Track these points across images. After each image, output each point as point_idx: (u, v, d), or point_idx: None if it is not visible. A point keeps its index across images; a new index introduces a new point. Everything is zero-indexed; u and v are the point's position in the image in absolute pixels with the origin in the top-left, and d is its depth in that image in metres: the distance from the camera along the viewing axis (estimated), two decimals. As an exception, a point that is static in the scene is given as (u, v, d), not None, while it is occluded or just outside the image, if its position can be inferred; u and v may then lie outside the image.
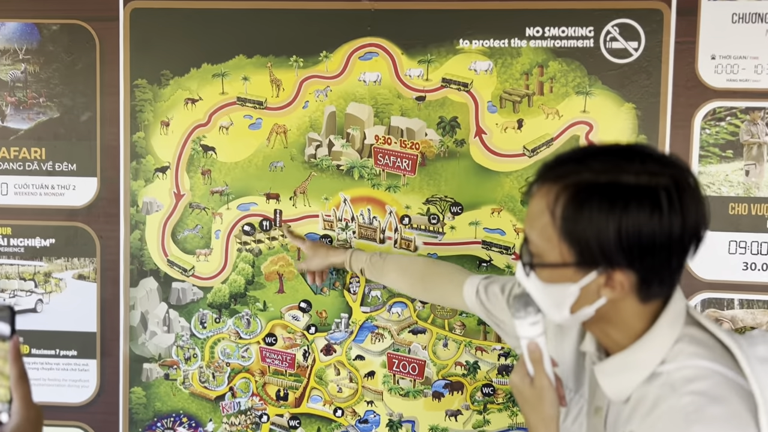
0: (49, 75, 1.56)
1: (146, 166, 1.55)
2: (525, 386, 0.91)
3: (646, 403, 0.83)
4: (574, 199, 0.80)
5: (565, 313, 0.85)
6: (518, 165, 1.48)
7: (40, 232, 1.58)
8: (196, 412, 1.58)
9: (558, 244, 0.81)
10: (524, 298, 0.88)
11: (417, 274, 1.34)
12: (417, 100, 1.49)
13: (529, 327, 0.88)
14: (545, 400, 0.89)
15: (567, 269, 0.82)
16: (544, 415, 0.89)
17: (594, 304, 0.84)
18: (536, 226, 0.84)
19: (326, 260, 1.46)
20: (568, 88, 1.46)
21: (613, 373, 0.88)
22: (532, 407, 0.91)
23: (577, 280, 0.82)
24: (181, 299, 1.56)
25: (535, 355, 0.89)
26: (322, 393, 1.56)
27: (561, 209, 0.80)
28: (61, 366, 1.59)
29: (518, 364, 0.92)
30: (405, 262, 1.38)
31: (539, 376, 0.89)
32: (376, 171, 1.51)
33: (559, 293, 0.84)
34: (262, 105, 1.52)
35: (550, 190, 0.82)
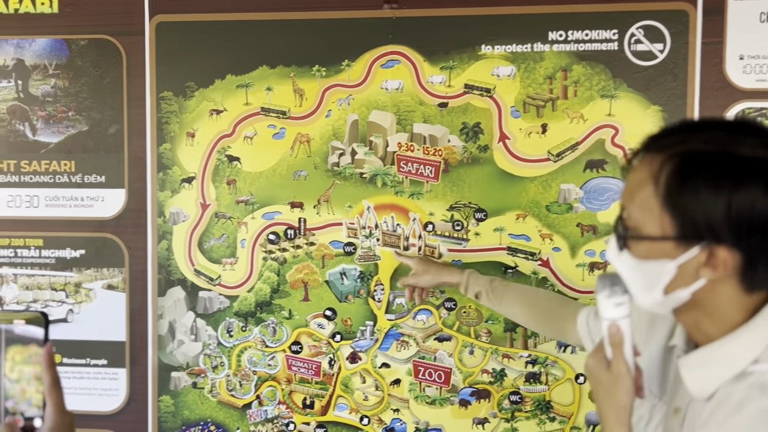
0: (78, 89, 1.59)
1: (173, 176, 1.57)
2: (600, 370, 0.85)
3: (730, 403, 0.78)
4: (681, 167, 0.75)
5: (657, 294, 0.80)
6: (543, 170, 1.47)
7: (71, 243, 1.61)
8: (224, 420, 1.59)
9: (659, 216, 0.76)
10: (611, 277, 0.84)
11: (541, 307, 1.29)
12: (439, 106, 1.49)
13: (613, 307, 0.83)
14: (620, 387, 0.83)
15: (666, 243, 0.77)
16: (616, 403, 0.83)
17: (690, 286, 0.78)
18: (636, 197, 0.79)
19: (438, 278, 1.41)
20: (593, 92, 1.45)
21: (698, 366, 0.82)
22: (605, 393, 0.85)
23: (675, 256, 0.77)
24: (208, 308, 1.58)
25: (615, 338, 0.83)
26: (348, 401, 1.55)
27: (666, 178, 0.75)
28: (91, 375, 1.61)
29: (596, 347, 0.87)
30: (531, 294, 1.32)
31: (617, 361, 0.83)
32: (400, 178, 1.51)
33: (654, 271, 0.78)
34: (286, 115, 1.53)
35: (654, 159, 0.77)
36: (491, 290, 1.32)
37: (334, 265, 1.54)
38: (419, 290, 1.47)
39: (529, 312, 1.29)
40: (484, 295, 1.33)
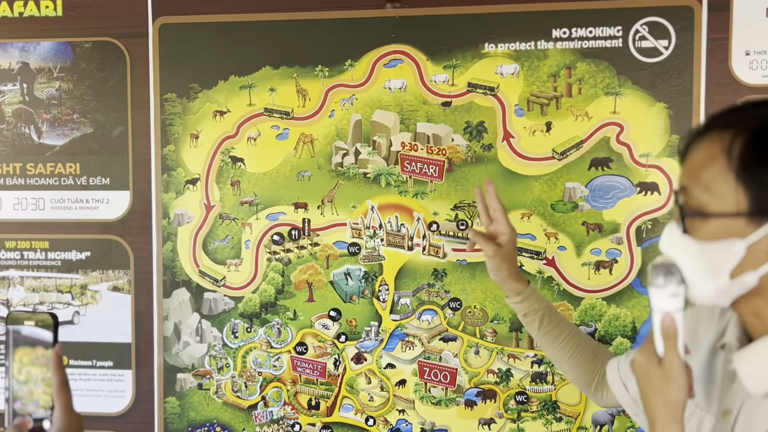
0: (83, 92, 1.60)
1: (177, 178, 1.57)
2: (651, 366, 0.79)
3: None
4: (757, 138, 0.73)
5: (723, 279, 0.75)
6: (547, 168, 1.46)
7: (76, 245, 1.61)
8: (230, 421, 1.59)
9: (733, 190, 0.73)
10: (667, 266, 0.78)
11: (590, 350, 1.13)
12: (443, 105, 1.48)
13: (667, 298, 0.78)
14: (674, 384, 0.77)
15: (737, 221, 0.73)
16: (669, 401, 0.78)
17: (759, 268, 0.74)
18: (703, 175, 0.76)
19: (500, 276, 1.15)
20: (597, 89, 1.44)
21: (757, 359, 0.77)
22: (656, 391, 0.79)
23: (745, 234, 0.73)
24: (213, 309, 1.58)
25: (669, 332, 0.78)
26: (354, 402, 1.55)
27: (740, 150, 0.73)
28: (97, 377, 1.62)
29: (646, 341, 0.81)
30: (582, 336, 1.15)
31: (671, 356, 0.78)
32: (403, 178, 1.51)
33: (721, 253, 0.75)
34: (289, 115, 1.53)
35: (723, 135, 0.75)
36: (546, 314, 1.14)
37: (339, 266, 1.54)
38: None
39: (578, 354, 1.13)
40: (538, 316, 1.14)
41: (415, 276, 1.52)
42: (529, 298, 1.15)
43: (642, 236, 1.44)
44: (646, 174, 1.43)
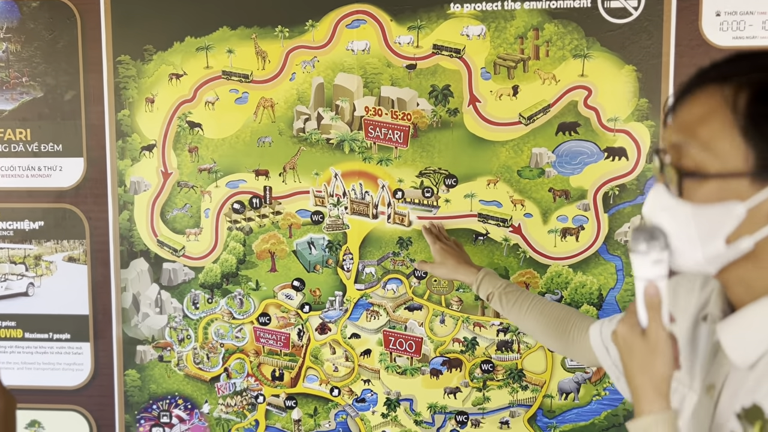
0: (31, 53, 1.52)
1: (132, 144, 1.51)
2: (635, 338, 0.75)
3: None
4: (762, 95, 0.67)
5: (718, 244, 0.70)
6: (514, 134, 1.42)
7: (29, 214, 1.55)
8: (192, 393, 1.55)
9: (732, 149, 0.68)
10: (650, 230, 0.73)
11: (555, 318, 1.16)
12: (407, 68, 1.43)
13: (650, 265, 0.73)
14: (659, 356, 0.74)
15: (740, 181, 0.68)
16: (654, 375, 0.74)
17: (756, 233, 0.69)
18: (701, 131, 0.69)
19: (454, 274, 1.31)
20: (565, 51, 1.39)
21: (742, 327, 0.73)
22: (640, 364, 0.75)
23: (747, 196, 0.68)
24: (173, 280, 1.54)
25: (653, 301, 0.74)
26: (318, 372, 1.52)
27: (746, 104, 0.67)
28: (54, 349, 1.57)
29: (627, 312, 0.78)
30: (545, 305, 1.19)
31: (655, 327, 0.74)
32: (367, 144, 1.46)
33: (719, 216, 0.69)
34: (248, 78, 1.47)
35: (721, 89, 0.69)
36: (504, 294, 1.21)
37: (302, 235, 1.50)
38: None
39: (543, 321, 1.16)
40: (495, 298, 1.22)
41: (380, 245, 1.48)
42: (483, 285, 1.25)
43: (609, 202, 1.42)
44: (614, 139, 1.40)
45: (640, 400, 0.76)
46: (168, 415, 1.56)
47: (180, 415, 1.56)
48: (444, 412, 1.50)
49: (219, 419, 1.55)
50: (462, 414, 1.49)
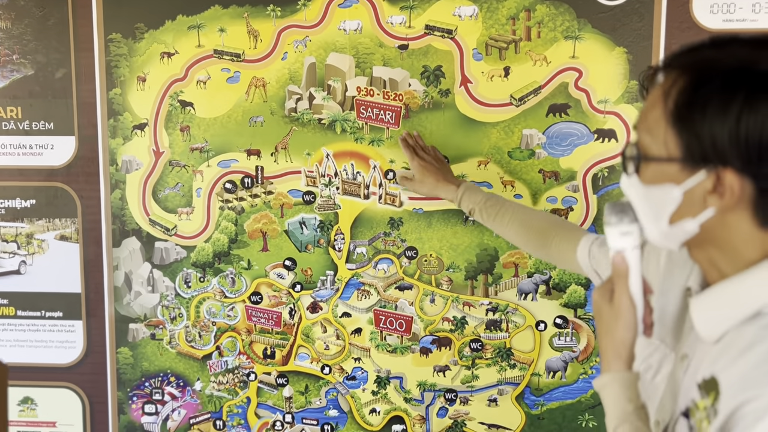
0: (22, 31, 1.51)
1: (124, 123, 1.51)
2: (603, 303, 0.82)
3: (738, 344, 0.72)
4: (692, 81, 0.70)
5: (663, 223, 0.75)
6: (505, 115, 1.43)
7: (20, 192, 1.55)
8: (184, 371, 1.57)
9: (665, 135, 0.72)
10: (620, 205, 0.80)
11: (535, 229, 1.22)
12: (399, 48, 1.44)
13: (619, 236, 0.79)
14: (620, 320, 0.79)
15: (672, 166, 0.72)
16: (615, 338, 0.80)
17: (698, 216, 0.72)
18: (648, 117, 0.74)
19: (434, 191, 1.35)
20: (557, 33, 1.40)
21: (709, 306, 0.76)
22: (605, 328, 0.81)
23: (681, 181, 0.72)
24: (165, 259, 1.54)
25: (619, 269, 0.79)
26: (309, 351, 1.54)
27: (676, 93, 0.71)
28: (47, 327, 1.58)
29: (607, 280, 0.84)
30: (525, 215, 1.25)
31: (619, 293, 0.80)
32: (359, 124, 1.47)
33: (660, 197, 0.74)
34: (240, 57, 1.47)
35: (669, 75, 0.73)
36: (485, 208, 1.27)
37: (293, 215, 1.51)
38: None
39: (524, 233, 1.23)
40: (477, 213, 1.29)
41: (371, 225, 1.49)
42: (463, 201, 1.30)
43: (598, 184, 1.43)
44: (603, 121, 1.41)
45: (603, 360, 0.83)
46: (160, 393, 1.57)
47: (172, 392, 1.57)
48: (433, 389, 1.52)
49: (211, 396, 1.57)
50: (451, 392, 1.51)
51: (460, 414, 1.52)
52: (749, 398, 0.67)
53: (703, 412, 0.74)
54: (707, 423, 0.72)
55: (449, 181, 1.33)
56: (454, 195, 1.32)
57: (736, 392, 0.69)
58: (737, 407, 0.68)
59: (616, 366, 0.81)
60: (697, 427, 0.75)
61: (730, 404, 0.69)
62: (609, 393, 0.82)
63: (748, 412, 0.67)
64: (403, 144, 1.41)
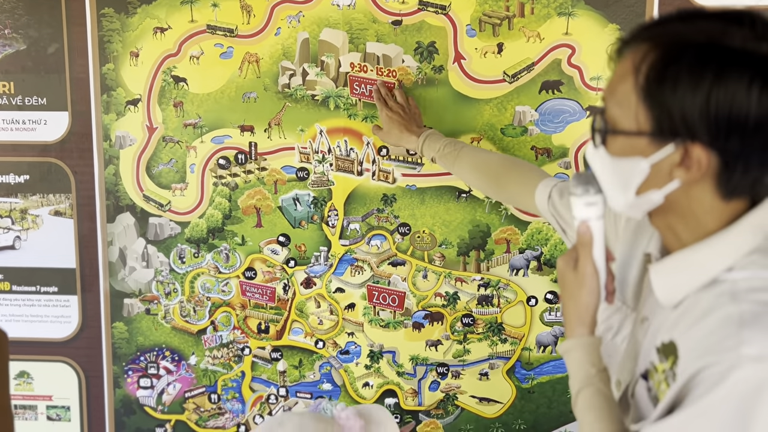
0: (13, 5, 1.50)
1: (117, 99, 1.51)
2: (567, 271, 0.85)
3: (696, 310, 0.74)
4: (663, 56, 0.71)
5: (630, 194, 0.76)
6: (498, 92, 1.44)
7: (14, 168, 1.56)
8: (179, 345, 1.59)
9: (636, 109, 0.73)
10: (586, 176, 0.82)
11: (491, 173, 1.25)
12: (393, 24, 1.43)
13: (584, 207, 0.83)
14: (584, 287, 0.83)
15: (641, 139, 0.73)
16: (579, 304, 0.83)
17: (664, 187, 0.74)
18: (617, 90, 0.75)
19: (398, 142, 1.38)
20: (550, 9, 1.40)
21: (668, 272, 0.78)
22: (570, 294, 0.85)
23: (648, 154, 0.73)
24: (159, 234, 1.55)
25: (584, 238, 0.83)
26: (303, 325, 1.56)
27: (646, 68, 0.71)
28: (42, 302, 1.59)
29: (571, 248, 0.87)
30: (480, 159, 1.28)
31: (584, 261, 0.83)
32: (353, 101, 1.47)
33: (628, 169, 0.75)
34: (233, 33, 1.46)
35: (639, 49, 0.73)
36: (443, 155, 1.30)
37: (287, 191, 1.52)
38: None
39: (480, 176, 1.26)
40: (438, 160, 1.32)
41: (364, 201, 1.50)
42: (425, 151, 1.34)
43: (590, 161, 1.44)
44: (596, 97, 1.42)
45: (567, 326, 0.86)
46: (155, 367, 1.59)
47: (167, 367, 1.59)
48: (425, 363, 1.54)
49: (206, 370, 1.59)
50: (443, 366, 1.53)
51: (451, 387, 1.54)
52: (708, 364, 0.69)
53: (662, 375, 0.76)
54: (665, 385, 0.75)
55: (411, 131, 1.36)
56: (415, 145, 1.35)
57: (694, 357, 0.71)
58: (696, 372, 0.70)
59: (580, 331, 0.85)
60: (656, 388, 0.77)
61: (689, 369, 0.71)
62: (573, 357, 0.85)
63: (706, 377, 0.69)
64: (376, 95, 1.43)
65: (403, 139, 1.37)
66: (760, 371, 0.66)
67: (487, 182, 1.27)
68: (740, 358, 0.66)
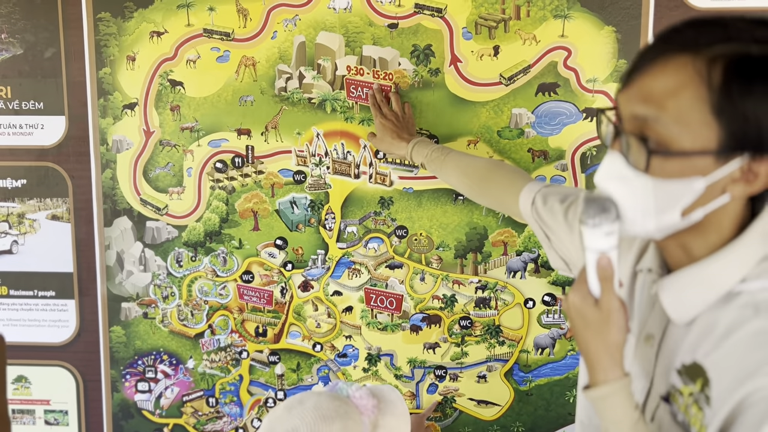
0: (10, 9, 1.50)
1: (114, 103, 1.51)
2: (587, 307, 0.76)
3: (720, 326, 0.71)
4: (739, 70, 0.65)
5: (673, 216, 0.70)
6: (495, 94, 1.44)
7: (11, 172, 1.56)
8: (177, 349, 1.58)
9: (700, 125, 0.66)
10: (602, 202, 0.72)
11: (476, 177, 1.23)
12: (389, 27, 1.44)
13: (603, 237, 0.73)
14: (613, 325, 0.75)
15: (706, 157, 0.67)
16: (609, 342, 0.75)
17: (709, 204, 0.70)
18: (671, 105, 0.67)
19: (390, 149, 1.40)
20: (546, 12, 1.40)
21: (680, 288, 0.75)
22: (595, 332, 0.76)
23: (709, 172, 0.67)
24: (156, 238, 1.55)
25: (606, 272, 0.75)
26: (301, 329, 1.56)
27: (720, 79, 0.65)
28: (40, 306, 1.59)
29: (578, 281, 0.78)
30: (465, 162, 1.26)
31: (608, 297, 0.75)
32: (349, 104, 1.47)
33: (676, 191, 0.69)
34: (230, 36, 1.47)
35: (693, 60, 0.67)
36: (431, 160, 1.31)
37: (284, 194, 1.52)
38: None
39: (465, 180, 1.25)
40: (426, 165, 1.32)
41: (361, 204, 1.50)
42: (414, 158, 1.34)
43: (586, 163, 1.44)
44: (592, 100, 1.42)
45: (596, 368, 0.77)
46: (153, 371, 1.59)
47: (165, 371, 1.59)
48: (423, 366, 1.54)
49: (204, 374, 1.59)
50: (441, 368, 1.53)
51: (449, 390, 1.54)
52: (756, 388, 0.66)
53: (689, 398, 0.73)
54: (696, 409, 0.71)
55: (402, 138, 1.36)
56: (405, 151, 1.36)
57: (735, 381, 0.67)
58: (744, 397, 0.66)
59: (615, 373, 0.76)
60: (683, 412, 0.74)
61: (735, 393, 0.67)
62: (614, 403, 0.76)
63: (757, 400, 0.66)
64: (371, 100, 1.44)
65: (393, 145, 1.37)
66: None
67: (470, 186, 1.25)
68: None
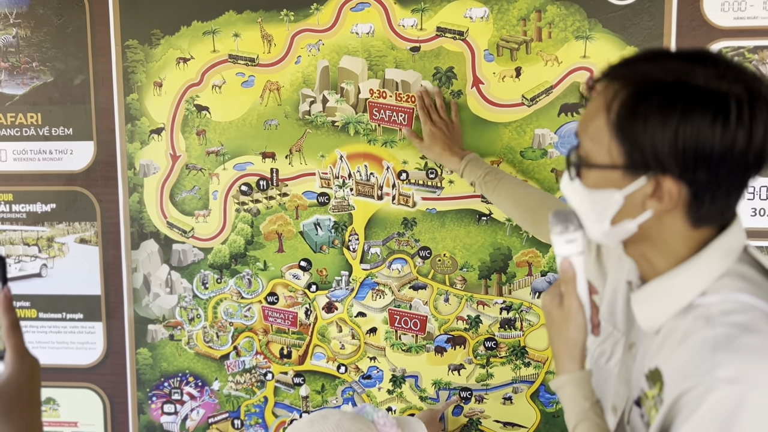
0: (41, 39, 1.54)
1: (141, 128, 1.54)
2: (554, 307, 0.87)
3: (676, 335, 0.78)
4: (633, 95, 0.75)
5: (605, 225, 0.80)
6: (517, 115, 1.44)
7: (41, 197, 1.59)
8: (202, 371, 1.59)
9: (608, 144, 0.76)
10: (564, 213, 0.85)
11: (528, 209, 1.27)
12: (411, 51, 1.45)
13: (564, 244, 0.84)
14: (572, 323, 0.85)
15: (614, 172, 0.77)
16: (567, 339, 0.85)
17: (637, 217, 0.78)
18: (590, 125, 0.79)
19: (439, 159, 1.41)
20: (567, 33, 1.41)
21: (648, 299, 0.83)
22: (557, 330, 0.87)
23: (622, 186, 0.77)
24: (182, 261, 1.57)
25: (567, 275, 0.85)
26: (325, 350, 1.56)
27: (618, 105, 0.75)
28: (68, 329, 1.61)
29: (554, 285, 0.89)
30: (519, 193, 1.29)
31: (569, 297, 0.85)
32: (372, 126, 1.48)
33: (602, 201, 0.79)
34: (254, 62, 1.49)
35: (610, 87, 0.77)
36: (483, 183, 1.32)
37: (308, 216, 1.53)
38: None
39: (517, 210, 1.29)
40: (477, 186, 1.34)
41: (384, 225, 1.51)
42: (465, 175, 1.35)
43: (610, 183, 1.44)
44: (615, 120, 1.42)
45: (557, 361, 0.88)
46: (179, 392, 1.60)
47: (191, 392, 1.60)
48: (448, 388, 1.53)
49: (229, 396, 1.59)
50: (466, 390, 1.53)
51: (475, 412, 1.53)
52: (688, 388, 0.72)
53: (651, 401, 0.80)
54: (655, 411, 0.78)
55: (454, 153, 1.37)
56: (457, 167, 1.37)
57: (677, 382, 0.75)
58: (678, 396, 0.73)
59: (571, 366, 0.86)
60: (648, 414, 0.80)
61: (672, 393, 0.74)
62: (566, 392, 0.86)
63: (688, 401, 0.72)
64: (420, 106, 1.43)
65: (444, 157, 1.39)
66: (735, 392, 0.69)
67: (524, 217, 1.29)
68: (715, 381, 0.70)
